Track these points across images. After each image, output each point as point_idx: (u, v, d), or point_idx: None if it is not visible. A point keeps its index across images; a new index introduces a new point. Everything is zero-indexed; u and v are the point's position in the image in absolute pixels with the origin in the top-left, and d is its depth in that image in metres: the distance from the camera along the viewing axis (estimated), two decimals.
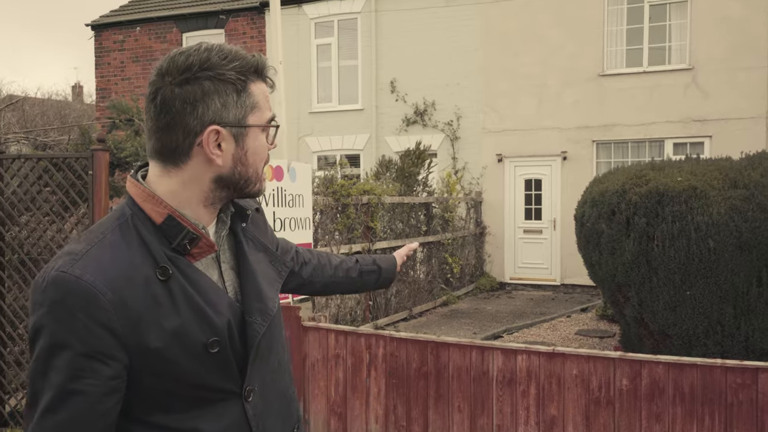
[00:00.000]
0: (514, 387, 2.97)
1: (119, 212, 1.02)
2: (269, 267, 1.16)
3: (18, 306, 3.49)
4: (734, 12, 9.14)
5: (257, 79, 1.04)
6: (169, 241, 1.00)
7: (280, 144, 4.13)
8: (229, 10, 12.06)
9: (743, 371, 2.64)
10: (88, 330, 0.91)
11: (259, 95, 1.04)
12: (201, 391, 1.01)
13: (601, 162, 10.00)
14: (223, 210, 1.10)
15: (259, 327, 1.05)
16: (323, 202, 6.29)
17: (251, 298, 1.06)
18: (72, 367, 0.91)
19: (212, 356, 1.00)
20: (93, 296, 0.91)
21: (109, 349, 0.92)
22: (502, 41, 10.39)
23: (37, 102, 19.34)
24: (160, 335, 0.95)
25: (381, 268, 1.64)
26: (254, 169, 1.06)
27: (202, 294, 1.00)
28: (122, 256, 0.96)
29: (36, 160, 3.54)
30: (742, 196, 4.36)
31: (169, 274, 0.97)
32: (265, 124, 1.06)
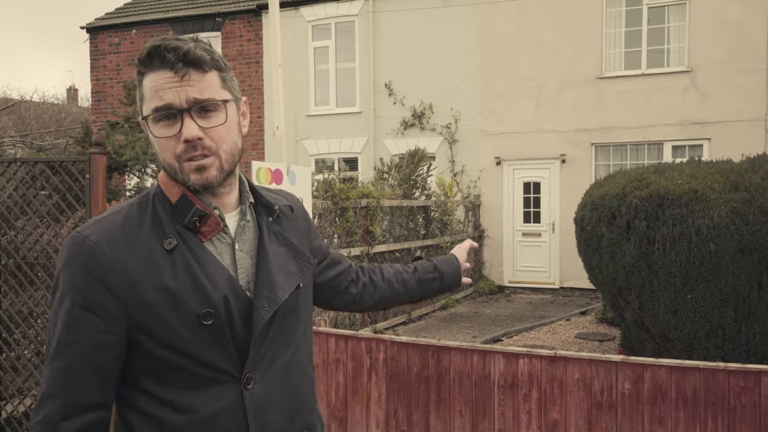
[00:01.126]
0: (516, 391, 2.95)
1: (144, 193, 1.13)
2: (290, 261, 1.17)
3: (14, 311, 3.45)
4: (733, 14, 9.16)
5: (148, 70, 1.05)
6: (182, 217, 1.07)
7: (278, 147, 4.10)
8: (225, 12, 12.05)
9: (746, 374, 2.62)
10: (86, 284, 1.00)
11: (146, 86, 1.05)
12: (199, 366, 1.03)
13: (599, 165, 10.00)
14: (243, 201, 1.16)
15: (264, 312, 1.07)
16: (322, 206, 6.27)
17: (262, 284, 1.09)
18: (71, 317, 1.00)
19: (206, 329, 1.02)
20: (95, 254, 1.01)
21: (105, 304, 1.00)
22: (500, 43, 10.40)
23: (33, 105, 19.28)
24: (156, 294, 1.01)
25: (443, 274, 1.53)
26: (163, 159, 1.07)
27: (203, 267, 1.05)
28: (132, 225, 1.05)
29: (33, 163, 3.51)
30: (742, 199, 4.35)
31: (175, 245, 1.04)
32: (147, 115, 1.06)
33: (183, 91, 1.04)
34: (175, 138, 1.04)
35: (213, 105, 1.06)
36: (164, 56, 1.03)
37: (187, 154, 1.05)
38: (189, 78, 1.04)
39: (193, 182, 1.06)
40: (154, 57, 1.03)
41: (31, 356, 3.49)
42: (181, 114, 1.04)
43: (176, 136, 1.04)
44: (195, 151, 1.05)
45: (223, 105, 1.08)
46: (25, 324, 3.47)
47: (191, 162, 1.05)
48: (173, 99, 1.03)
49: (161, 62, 1.03)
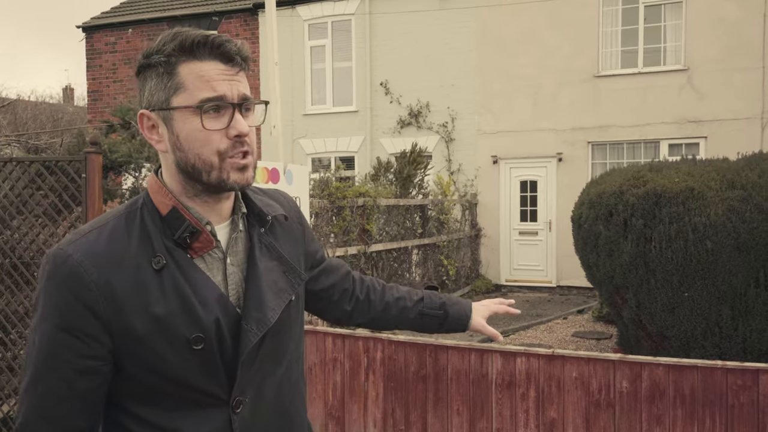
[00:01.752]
0: (514, 390, 2.95)
1: (133, 201, 1.05)
2: (281, 277, 1.10)
3: (10, 311, 3.43)
4: (729, 13, 9.18)
5: (190, 59, 0.98)
6: (172, 232, 1.00)
7: (275, 146, 4.09)
8: (221, 11, 12.02)
9: (744, 373, 2.62)
10: (69, 307, 0.94)
11: (187, 75, 0.98)
12: (186, 390, 0.99)
13: (596, 163, 10.02)
14: (235, 211, 1.09)
15: (253, 336, 1.01)
16: (318, 205, 6.26)
17: (251, 305, 1.03)
18: (52, 342, 0.94)
19: (196, 353, 0.97)
20: (78, 275, 0.94)
21: (90, 329, 0.94)
22: (497, 42, 10.40)
23: (30, 105, 19.21)
24: (144, 322, 0.95)
25: (448, 315, 1.40)
26: (195, 155, 0.98)
27: (194, 289, 0.99)
28: (118, 241, 0.98)
29: (28, 163, 3.50)
30: (739, 197, 4.37)
31: (163, 264, 0.97)
32: (191, 105, 0.97)
33: (235, 85, 1.00)
34: (221, 132, 0.98)
35: (252, 105, 1.03)
36: (222, 46, 0.98)
37: (234, 150, 0.99)
38: (240, 74, 1.01)
39: (234, 182, 1.00)
40: (203, 46, 0.98)
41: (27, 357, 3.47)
42: (234, 108, 0.99)
43: (223, 131, 0.98)
44: (242, 147, 1.00)
45: (262, 107, 1.06)
46: (21, 324, 3.45)
47: (236, 160, 0.99)
48: (227, 92, 0.98)
49: (213, 52, 0.98)
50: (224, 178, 0.99)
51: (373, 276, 7.38)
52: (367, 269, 7.11)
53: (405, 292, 1.41)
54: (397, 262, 7.86)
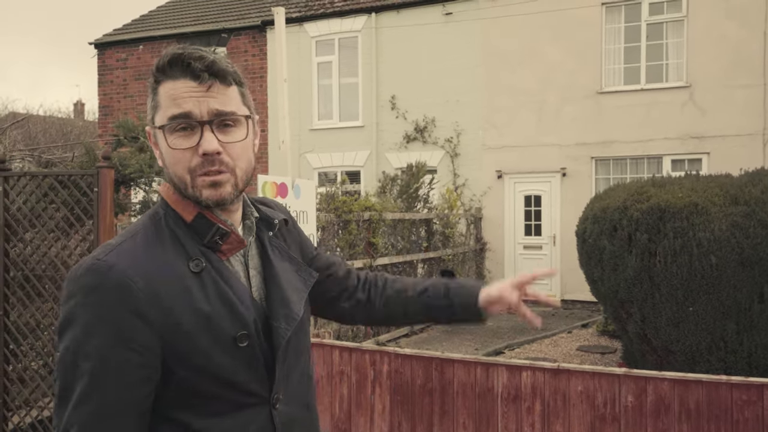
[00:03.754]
0: (519, 403, 2.97)
1: (153, 212, 1.06)
2: (295, 276, 1.14)
3: (22, 323, 3.48)
4: (731, 31, 9.27)
5: (166, 79, 1.00)
6: (201, 237, 1.02)
7: (284, 161, 4.16)
8: (230, 28, 12.21)
9: (749, 388, 2.64)
10: (120, 317, 0.92)
11: (163, 94, 1.00)
12: (231, 391, 1.00)
13: (599, 178, 10.06)
14: (246, 216, 1.11)
15: (284, 332, 1.05)
16: (325, 219, 6.31)
17: (276, 303, 1.06)
18: (103, 355, 0.91)
19: (241, 351, 1.00)
20: (126, 284, 0.93)
21: (141, 337, 0.93)
22: (502, 58, 10.51)
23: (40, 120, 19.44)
24: (191, 323, 0.96)
25: (453, 304, 1.27)
26: (174, 173, 1.01)
27: (232, 288, 1.01)
28: (154, 250, 0.99)
29: (42, 177, 3.57)
30: (743, 212, 4.39)
31: (203, 266, 1.00)
32: (161, 125, 1.00)
33: (205, 102, 0.99)
34: (192, 150, 0.99)
35: (234, 119, 1.02)
36: (189, 64, 0.98)
37: (203, 169, 0.99)
38: (213, 89, 1.00)
39: (206, 198, 1.00)
40: (175, 64, 0.99)
41: (38, 368, 3.51)
42: (201, 126, 0.99)
43: (193, 149, 0.99)
44: (212, 165, 0.99)
45: (244, 120, 1.04)
46: (33, 336, 3.50)
47: (206, 177, 0.99)
48: (193, 109, 0.98)
49: (184, 70, 0.98)
50: (197, 195, 1.00)
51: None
52: None
53: (410, 284, 1.31)
54: (403, 276, 7.88)
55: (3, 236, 3.50)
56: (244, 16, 12.55)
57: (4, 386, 3.48)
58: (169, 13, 13.86)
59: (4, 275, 3.50)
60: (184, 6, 13.97)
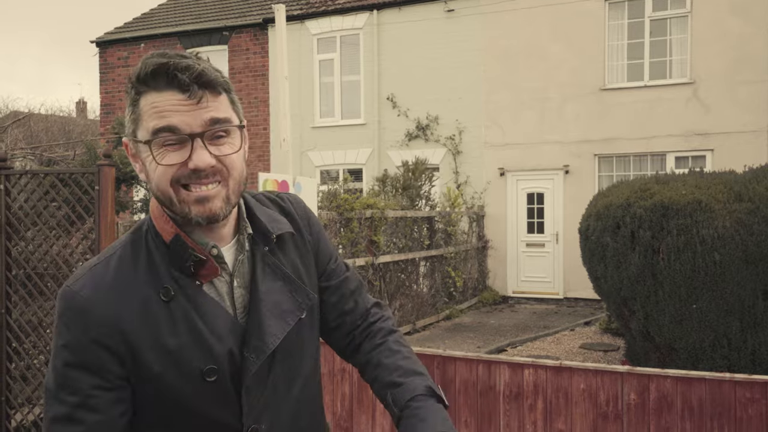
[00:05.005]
0: (521, 401, 2.96)
1: (138, 227, 1.03)
2: (287, 298, 1.05)
3: (24, 321, 3.49)
4: (734, 27, 9.22)
5: (148, 90, 0.93)
6: (177, 260, 0.97)
7: (285, 159, 4.15)
8: (232, 26, 12.20)
9: (752, 385, 2.62)
10: (81, 345, 0.92)
11: (145, 106, 0.93)
12: (201, 420, 0.97)
13: (603, 175, 10.03)
14: (240, 231, 1.04)
15: (251, 364, 0.98)
16: (327, 216, 6.31)
17: (251, 333, 1.00)
18: (72, 378, 0.92)
19: (209, 385, 0.96)
20: (86, 311, 0.92)
21: (104, 363, 0.93)
22: (504, 56, 10.48)
23: (42, 118, 19.49)
24: (156, 355, 0.93)
25: (399, 423, 1.06)
26: (157, 187, 0.94)
27: (205, 319, 0.96)
28: (125, 274, 0.96)
29: (43, 175, 3.57)
30: (747, 209, 4.37)
31: (171, 296, 0.95)
32: (145, 139, 0.93)
33: (197, 114, 0.92)
34: (180, 165, 0.93)
35: (226, 130, 0.96)
36: (175, 76, 0.91)
37: (189, 180, 0.93)
38: (204, 101, 0.93)
39: (196, 215, 0.94)
40: (159, 75, 0.92)
41: (40, 366, 3.52)
42: (192, 139, 0.92)
43: (182, 164, 0.92)
44: (203, 179, 0.93)
45: (238, 130, 0.98)
46: (35, 334, 3.50)
47: (190, 191, 0.93)
48: (180, 123, 0.92)
49: (169, 82, 0.92)
50: (186, 211, 0.94)
51: (382, 287, 7.32)
52: (375, 280, 7.14)
53: (392, 364, 1.11)
54: (405, 274, 7.88)
55: (5, 234, 3.50)
56: (245, 13, 12.53)
57: (7, 384, 3.49)
58: (171, 11, 13.85)
59: (6, 273, 3.50)
60: (186, 4, 13.96)
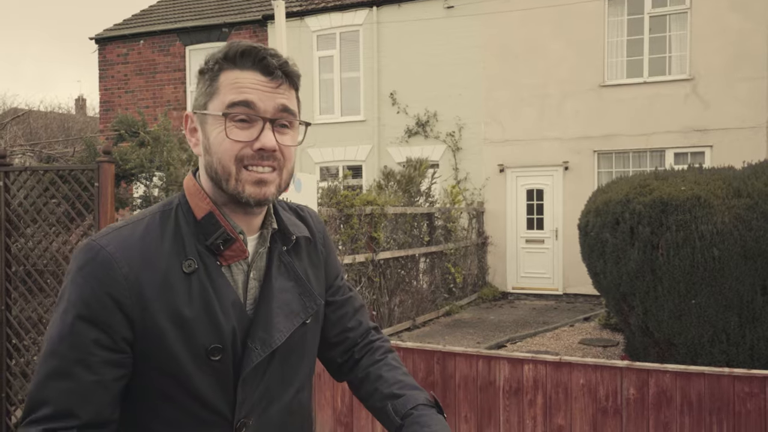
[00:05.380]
0: (521, 396, 2.97)
1: (167, 201, 1.04)
2: (296, 299, 1.07)
3: (24, 317, 3.49)
4: (734, 23, 9.21)
5: (232, 68, 0.98)
6: (206, 237, 0.99)
7: None
8: (231, 23, 12.18)
9: (751, 380, 2.63)
10: (97, 297, 0.92)
11: (224, 81, 0.98)
12: (195, 404, 0.97)
13: (602, 172, 10.03)
14: (265, 226, 1.07)
15: (255, 356, 0.99)
16: (327, 213, 6.31)
17: (259, 324, 1.01)
18: (76, 331, 0.92)
19: (212, 365, 0.96)
20: (109, 267, 0.93)
21: (114, 322, 0.93)
22: (504, 52, 10.47)
23: (41, 115, 19.47)
24: (168, 321, 0.94)
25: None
26: (218, 161, 0.97)
27: (219, 298, 0.98)
28: (152, 240, 0.97)
29: (42, 172, 3.57)
30: (746, 205, 4.38)
31: (194, 269, 0.97)
32: (219, 112, 0.97)
33: (273, 98, 0.98)
34: (246, 144, 0.96)
35: (291, 122, 1.01)
36: (263, 58, 0.97)
37: (252, 161, 0.97)
38: (282, 88, 0.99)
39: (248, 195, 0.97)
40: (248, 55, 0.98)
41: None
42: (264, 122, 0.97)
43: (248, 143, 0.97)
44: (265, 160, 0.97)
45: (298, 126, 1.03)
46: (35, 330, 3.51)
47: (252, 172, 0.97)
48: (258, 101, 0.97)
49: (256, 63, 0.98)
50: (240, 190, 0.97)
51: (381, 283, 7.32)
52: (375, 277, 7.15)
53: (393, 378, 1.14)
54: (405, 270, 7.89)
55: (4, 231, 3.50)
56: (244, 10, 12.51)
57: (7, 381, 3.50)
58: (170, 7, 13.82)
59: (6, 270, 3.50)
60: (185, 0, 13.93)
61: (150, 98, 12.75)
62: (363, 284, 6.95)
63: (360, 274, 6.93)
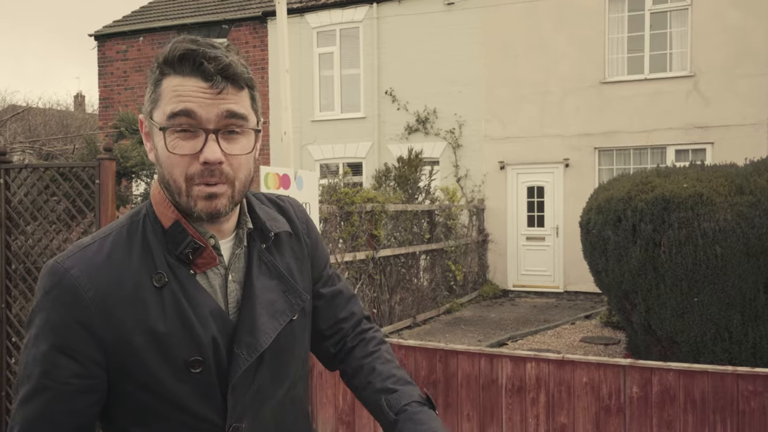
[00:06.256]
0: (524, 395, 2.96)
1: (135, 211, 1.01)
2: (280, 297, 1.04)
3: (24, 315, 3.48)
4: (735, 19, 9.19)
5: (173, 73, 0.92)
6: (174, 246, 0.96)
7: (286, 152, 4.13)
8: (231, 19, 12.14)
9: (755, 378, 2.62)
10: (65, 324, 0.90)
11: (166, 89, 0.92)
12: (181, 414, 0.95)
13: (603, 169, 10.02)
14: (240, 226, 1.04)
15: (242, 361, 0.96)
16: (327, 210, 6.29)
17: (243, 328, 0.98)
18: (46, 360, 0.90)
19: (193, 377, 0.94)
20: (75, 291, 0.90)
21: (85, 348, 0.91)
22: (504, 49, 10.44)
23: (40, 112, 19.42)
24: (142, 338, 0.91)
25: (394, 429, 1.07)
26: (169, 175, 0.93)
27: (195, 309, 0.95)
28: (119, 254, 0.94)
29: (43, 169, 3.55)
30: (748, 202, 4.36)
31: (165, 282, 0.94)
32: (160, 124, 0.92)
33: (215, 104, 0.92)
34: (191, 157, 0.92)
35: (241, 128, 0.95)
36: (201, 63, 0.91)
37: (202, 178, 0.92)
38: (225, 93, 0.93)
39: (200, 210, 0.94)
40: (186, 61, 0.91)
41: None
42: (207, 133, 0.92)
43: (193, 156, 0.92)
44: (211, 176, 0.92)
45: (252, 132, 0.97)
46: None
47: (202, 187, 0.93)
48: (199, 110, 0.91)
49: (194, 68, 0.92)
50: (191, 206, 0.94)
51: (382, 281, 7.30)
52: (375, 274, 7.13)
53: (387, 372, 1.14)
54: (405, 268, 7.88)
55: (4, 229, 3.49)
56: (244, 7, 12.47)
57: (7, 379, 3.49)
58: (170, 4, 13.78)
59: (6, 268, 3.49)
60: None
61: None
62: (363, 282, 6.94)
63: (360, 272, 6.92)
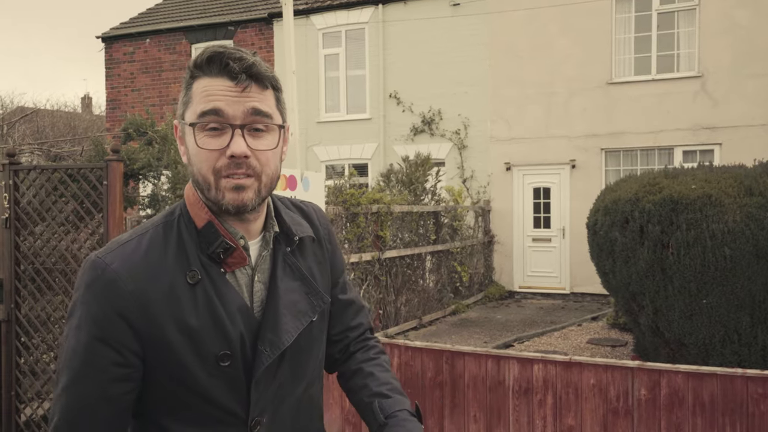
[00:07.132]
0: (531, 396, 2.95)
1: (170, 211, 1.07)
2: (303, 298, 1.09)
3: (33, 315, 3.50)
4: (743, 20, 9.13)
5: (202, 75, 0.99)
6: (206, 246, 1.01)
7: (292, 153, 4.14)
8: (237, 21, 12.18)
9: (765, 381, 2.60)
10: (105, 316, 0.96)
11: (196, 90, 0.99)
12: (209, 406, 1.00)
13: (609, 170, 9.98)
14: (267, 229, 1.09)
15: (265, 358, 1.02)
16: (333, 211, 6.30)
17: (267, 326, 1.03)
18: (87, 350, 0.96)
19: (222, 370, 0.99)
20: (115, 284, 0.96)
21: (123, 338, 0.96)
22: (510, 50, 10.42)
23: (48, 113, 19.56)
24: (176, 331, 0.97)
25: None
26: (198, 171, 0.99)
27: (225, 305, 1.00)
28: (156, 253, 0.99)
29: (51, 171, 3.57)
30: (757, 203, 4.33)
31: (198, 279, 0.99)
32: (191, 122, 0.99)
33: (241, 103, 0.98)
34: (219, 152, 0.97)
35: (266, 125, 1.00)
36: (227, 64, 0.97)
37: (228, 170, 0.97)
38: (249, 90, 0.99)
39: (228, 202, 0.99)
40: (214, 62, 0.98)
41: (49, 360, 3.53)
42: (233, 129, 0.97)
43: (221, 151, 0.97)
44: (238, 168, 0.97)
45: (277, 129, 1.03)
46: (44, 328, 3.52)
47: (230, 179, 0.98)
48: (226, 108, 0.97)
49: (221, 69, 0.98)
50: (219, 198, 0.99)
51: (388, 282, 7.30)
52: (381, 275, 7.13)
53: (384, 378, 1.19)
54: (411, 269, 7.87)
55: (13, 229, 3.51)
56: (250, 8, 12.51)
57: (17, 378, 3.51)
58: (176, 6, 13.84)
59: (15, 268, 3.51)
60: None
61: (156, 96, 12.78)
62: (369, 283, 6.94)
63: (366, 273, 6.92)
